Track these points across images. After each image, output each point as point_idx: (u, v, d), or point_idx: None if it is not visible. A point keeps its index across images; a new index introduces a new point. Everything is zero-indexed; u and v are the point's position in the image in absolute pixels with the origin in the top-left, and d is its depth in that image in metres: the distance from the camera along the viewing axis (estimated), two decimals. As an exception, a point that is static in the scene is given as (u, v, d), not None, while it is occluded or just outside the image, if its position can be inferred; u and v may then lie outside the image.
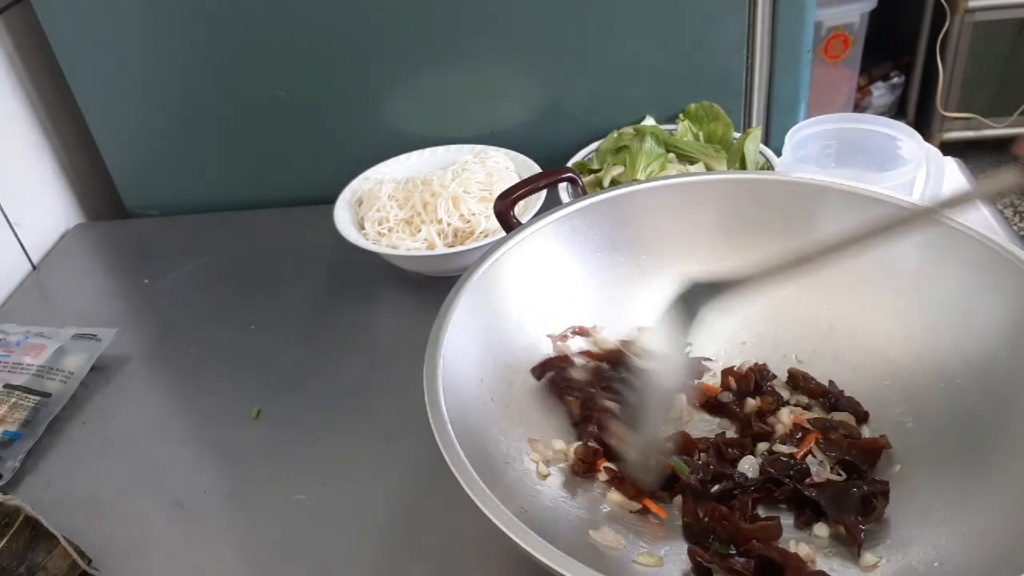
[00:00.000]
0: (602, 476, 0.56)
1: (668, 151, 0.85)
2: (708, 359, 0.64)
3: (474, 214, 0.82)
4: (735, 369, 0.62)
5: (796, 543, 0.50)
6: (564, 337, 0.62)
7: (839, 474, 0.54)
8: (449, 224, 0.81)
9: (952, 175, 0.88)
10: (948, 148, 1.67)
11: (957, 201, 0.45)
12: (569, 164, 0.88)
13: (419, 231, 0.81)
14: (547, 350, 0.61)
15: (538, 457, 0.55)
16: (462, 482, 0.43)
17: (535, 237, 0.61)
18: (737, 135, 0.88)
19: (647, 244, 0.65)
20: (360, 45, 0.90)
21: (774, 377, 0.61)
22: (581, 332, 0.63)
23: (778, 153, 0.83)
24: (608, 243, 0.64)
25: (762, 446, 0.56)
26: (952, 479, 0.51)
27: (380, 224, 0.83)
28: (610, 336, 0.63)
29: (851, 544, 0.50)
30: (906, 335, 0.59)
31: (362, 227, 0.84)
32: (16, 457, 0.67)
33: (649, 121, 0.91)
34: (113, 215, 1.06)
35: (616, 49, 0.89)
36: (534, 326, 0.61)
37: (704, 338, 0.65)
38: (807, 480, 0.53)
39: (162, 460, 0.67)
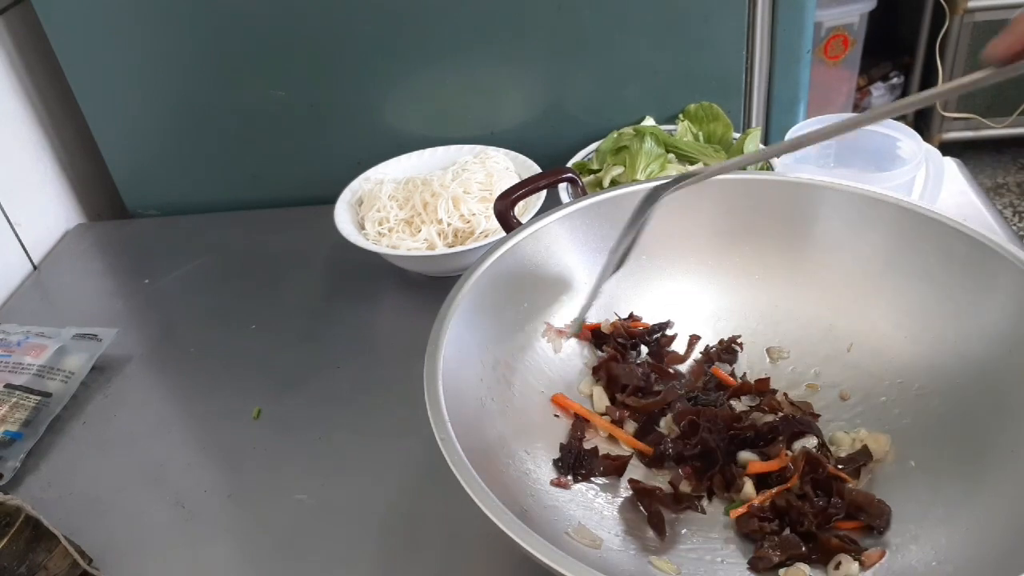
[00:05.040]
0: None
1: (668, 151, 0.85)
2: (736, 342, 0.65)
3: (474, 214, 0.82)
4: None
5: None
6: (561, 333, 0.62)
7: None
8: (449, 224, 0.81)
9: (951, 175, 0.88)
10: (947, 148, 1.68)
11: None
12: (569, 164, 0.88)
13: (419, 231, 0.81)
14: (547, 349, 0.61)
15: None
16: (462, 482, 0.43)
17: (535, 237, 0.61)
18: (737, 135, 0.88)
19: (647, 244, 0.64)
20: (360, 45, 0.90)
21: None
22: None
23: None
24: (608, 243, 0.64)
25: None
26: (952, 479, 0.51)
27: (380, 224, 0.83)
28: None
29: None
30: (905, 335, 0.59)
31: (362, 227, 0.84)
32: (17, 457, 0.67)
33: (649, 121, 0.91)
34: (113, 215, 1.06)
35: (616, 49, 0.89)
36: (534, 326, 0.62)
37: (705, 337, 0.65)
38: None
39: (162, 460, 0.67)
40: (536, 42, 0.89)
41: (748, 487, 0.54)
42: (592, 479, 0.56)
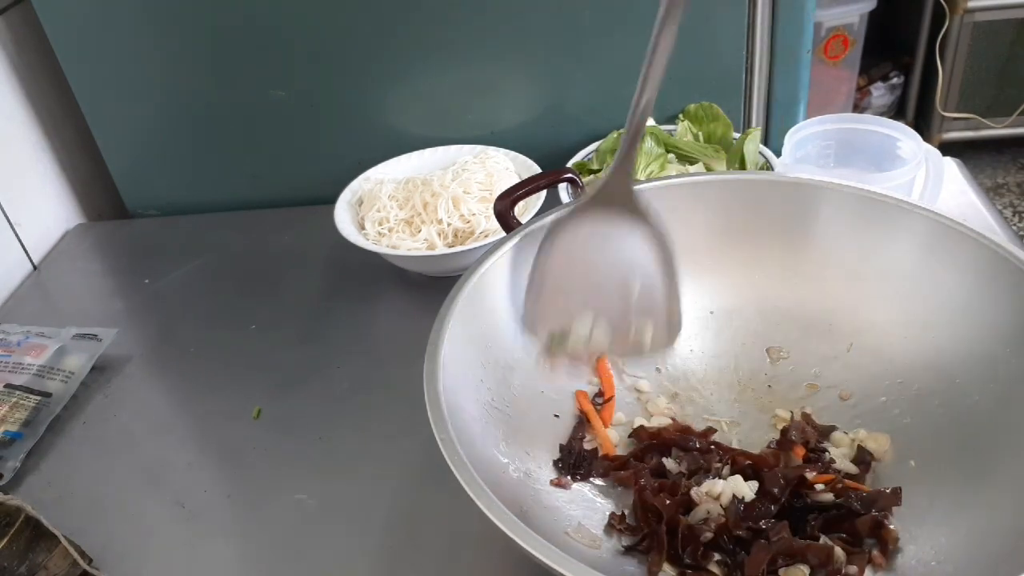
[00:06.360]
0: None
1: (668, 151, 0.85)
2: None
3: (474, 214, 0.82)
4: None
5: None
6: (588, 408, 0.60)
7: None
8: (449, 224, 0.81)
9: (951, 175, 0.88)
10: (947, 148, 1.68)
11: None
12: (569, 164, 0.88)
13: (419, 231, 0.81)
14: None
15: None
16: (462, 482, 0.43)
17: (535, 237, 0.61)
18: (737, 135, 0.88)
19: (647, 244, 0.65)
20: (360, 45, 0.90)
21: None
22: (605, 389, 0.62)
23: (778, 153, 0.83)
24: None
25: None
26: (952, 478, 0.51)
27: (380, 224, 0.83)
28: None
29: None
30: (906, 335, 0.59)
31: (362, 227, 0.84)
32: (17, 457, 0.67)
33: (649, 121, 0.91)
34: (113, 215, 1.06)
35: (616, 49, 0.89)
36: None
37: (704, 338, 0.65)
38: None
39: (162, 460, 0.67)
40: (536, 42, 0.89)
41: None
42: (591, 479, 0.56)
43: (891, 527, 0.50)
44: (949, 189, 0.83)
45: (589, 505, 0.54)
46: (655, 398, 0.62)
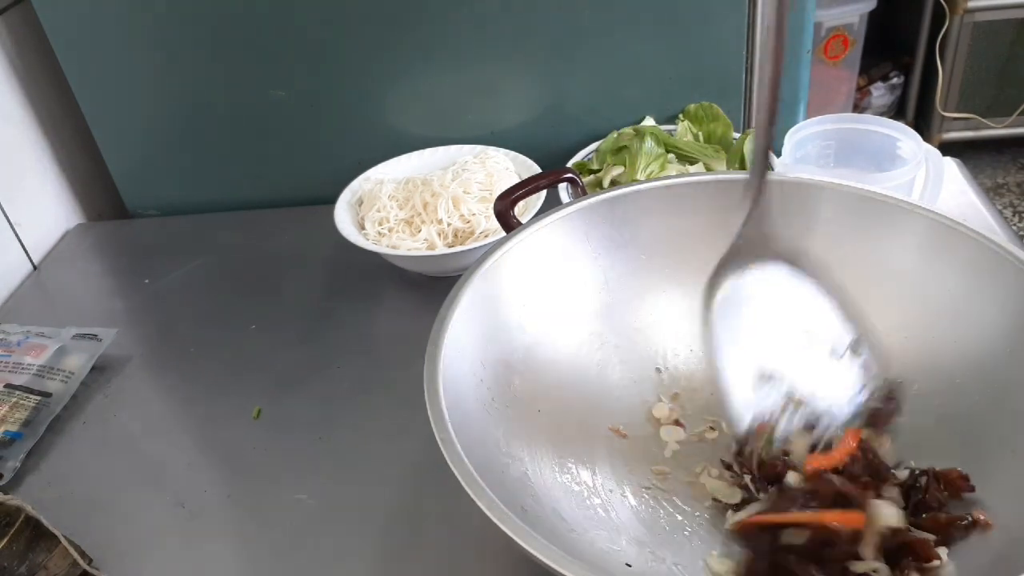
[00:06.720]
0: None
1: (668, 151, 0.85)
2: None
3: (474, 214, 0.82)
4: None
5: None
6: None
7: None
8: (449, 224, 0.81)
9: (951, 175, 0.88)
10: (947, 148, 1.68)
11: None
12: (569, 164, 0.88)
13: (419, 231, 0.81)
14: (549, 350, 0.61)
15: None
16: (462, 482, 0.43)
17: (535, 237, 0.61)
18: (737, 135, 0.88)
19: (647, 244, 0.65)
20: (360, 45, 0.90)
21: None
22: None
23: (778, 153, 0.83)
24: (608, 244, 0.64)
25: None
26: (951, 479, 0.51)
27: (380, 224, 0.83)
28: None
29: None
30: (905, 335, 0.59)
31: (362, 227, 0.84)
32: (17, 457, 0.67)
33: (649, 121, 0.91)
34: (113, 215, 1.06)
35: (616, 49, 0.89)
36: (534, 326, 0.61)
37: (698, 341, 0.65)
38: None
39: (162, 460, 0.67)
40: (536, 42, 0.89)
41: None
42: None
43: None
44: (949, 189, 0.83)
45: (605, 523, 0.54)
46: (656, 401, 0.62)
